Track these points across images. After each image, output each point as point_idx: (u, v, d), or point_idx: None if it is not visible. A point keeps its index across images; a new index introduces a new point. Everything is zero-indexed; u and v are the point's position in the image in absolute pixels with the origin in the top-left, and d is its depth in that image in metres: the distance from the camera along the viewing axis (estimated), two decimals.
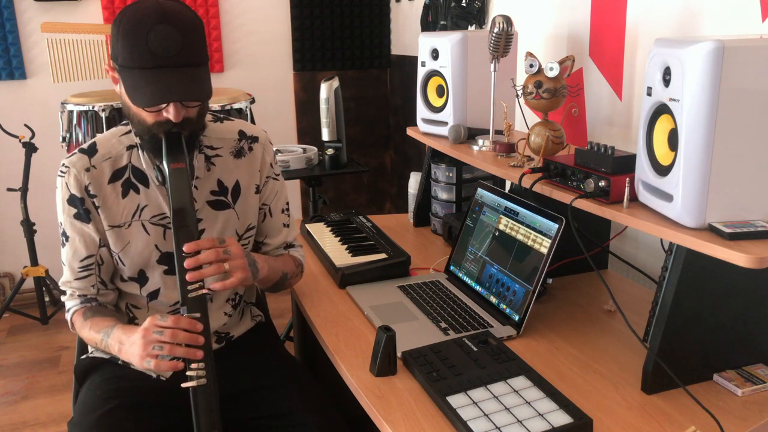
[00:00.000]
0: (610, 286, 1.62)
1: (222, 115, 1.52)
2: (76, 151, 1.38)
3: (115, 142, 1.39)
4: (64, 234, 1.39)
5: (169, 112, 1.22)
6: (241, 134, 1.48)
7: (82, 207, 1.36)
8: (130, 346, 1.24)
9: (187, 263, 1.21)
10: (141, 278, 1.42)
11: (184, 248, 1.21)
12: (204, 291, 1.22)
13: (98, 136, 1.42)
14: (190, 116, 1.27)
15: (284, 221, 1.56)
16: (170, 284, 1.42)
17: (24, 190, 3.05)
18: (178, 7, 1.21)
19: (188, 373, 1.19)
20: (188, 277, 1.20)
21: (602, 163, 1.33)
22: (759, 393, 1.19)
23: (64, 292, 1.43)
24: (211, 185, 1.43)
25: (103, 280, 1.42)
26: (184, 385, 1.19)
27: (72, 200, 1.36)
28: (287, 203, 1.57)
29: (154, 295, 1.43)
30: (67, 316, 1.43)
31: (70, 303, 1.42)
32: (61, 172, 1.36)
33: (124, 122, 1.41)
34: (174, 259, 1.38)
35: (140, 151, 1.38)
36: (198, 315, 1.21)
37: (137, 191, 1.38)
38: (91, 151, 1.38)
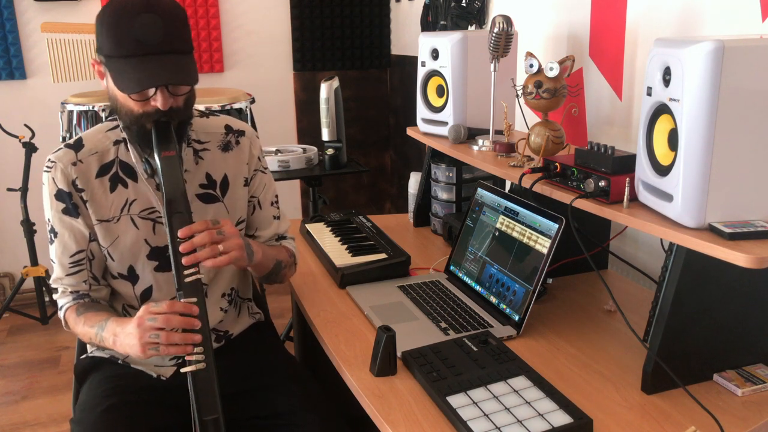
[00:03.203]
0: (610, 286, 1.62)
1: (207, 111, 1.53)
2: (61, 146, 1.38)
3: (101, 137, 1.39)
4: (52, 230, 1.38)
5: (157, 100, 1.23)
6: (228, 128, 1.49)
7: (71, 201, 1.35)
8: (126, 336, 1.24)
9: (182, 247, 1.21)
10: (131, 276, 1.41)
11: (179, 233, 1.22)
12: (200, 275, 1.22)
13: (84, 132, 1.42)
14: (178, 105, 1.28)
15: (274, 213, 1.57)
16: (162, 282, 1.42)
17: (24, 190, 3.05)
18: None
19: (187, 357, 1.19)
20: (184, 261, 1.21)
21: (602, 163, 1.33)
22: (759, 393, 1.19)
23: (55, 290, 1.42)
24: (200, 179, 1.43)
25: (95, 275, 1.41)
26: (183, 369, 1.19)
27: (60, 195, 1.35)
28: (276, 196, 1.58)
29: (147, 293, 1.42)
30: (60, 313, 1.42)
31: (63, 300, 1.41)
32: (47, 167, 1.36)
33: (110, 118, 1.41)
34: (165, 254, 1.38)
35: (128, 146, 1.38)
36: (194, 300, 1.21)
37: (125, 185, 1.38)
38: (78, 145, 1.37)
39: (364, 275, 1.69)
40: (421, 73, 2.02)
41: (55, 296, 1.43)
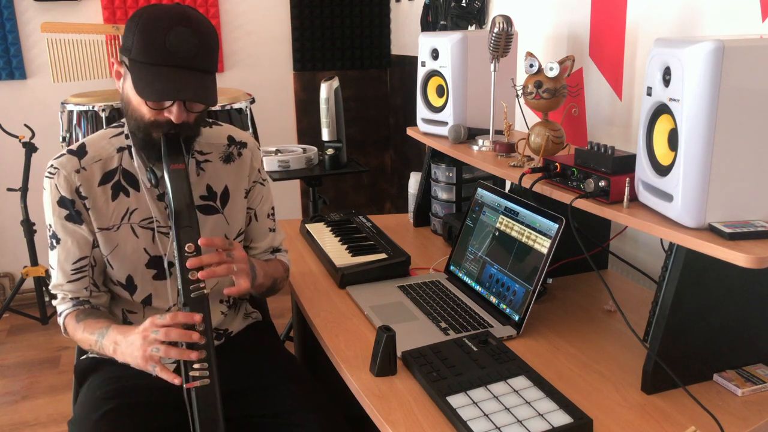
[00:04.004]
0: (610, 286, 1.62)
1: (210, 120, 1.52)
2: (64, 152, 1.37)
3: (105, 143, 1.38)
4: (54, 236, 1.37)
5: (172, 112, 1.23)
6: (230, 139, 1.49)
7: (74, 208, 1.35)
8: (128, 347, 1.23)
9: (189, 263, 1.20)
10: (129, 285, 1.41)
11: (200, 242, 1.22)
12: (206, 291, 1.22)
13: (87, 137, 1.41)
14: (189, 121, 1.27)
15: (270, 226, 1.57)
16: (161, 289, 1.42)
17: (24, 190, 3.05)
18: (199, 15, 1.23)
19: (191, 373, 1.18)
20: (200, 275, 1.20)
21: (602, 163, 1.32)
22: (759, 393, 1.19)
23: (55, 296, 1.41)
24: (201, 190, 1.43)
25: (96, 282, 1.41)
26: (187, 385, 1.19)
27: (62, 202, 1.34)
28: (272, 208, 1.58)
29: (147, 300, 1.43)
30: (60, 320, 1.41)
31: (62, 306, 1.40)
32: (50, 173, 1.34)
33: (113, 124, 1.40)
34: (163, 264, 1.37)
35: (131, 153, 1.37)
36: (201, 315, 1.20)
37: (127, 194, 1.37)
38: (81, 152, 1.36)
39: (364, 275, 1.69)
40: (421, 73, 2.02)
41: (54, 302, 1.42)
